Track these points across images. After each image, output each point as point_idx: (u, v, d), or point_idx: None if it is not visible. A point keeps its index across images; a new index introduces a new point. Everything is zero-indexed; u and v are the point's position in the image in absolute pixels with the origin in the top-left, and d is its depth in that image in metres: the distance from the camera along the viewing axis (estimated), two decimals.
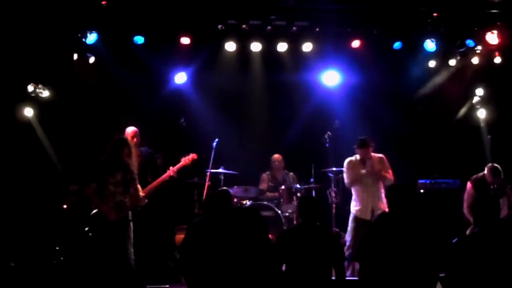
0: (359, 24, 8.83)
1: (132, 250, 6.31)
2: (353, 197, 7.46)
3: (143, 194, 6.80)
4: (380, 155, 7.49)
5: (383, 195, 7.31)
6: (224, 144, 8.32)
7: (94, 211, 6.33)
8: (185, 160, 7.55)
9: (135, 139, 7.38)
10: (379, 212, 7.11)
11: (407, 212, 4.80)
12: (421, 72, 9.35)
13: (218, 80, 9.26)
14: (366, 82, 9.31)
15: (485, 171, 7.59)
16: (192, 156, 7.59)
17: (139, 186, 6.61)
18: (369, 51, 9.02)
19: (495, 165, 7.49)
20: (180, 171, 7.55)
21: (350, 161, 7.46)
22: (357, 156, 7.45)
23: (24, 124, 7.92)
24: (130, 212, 6.40)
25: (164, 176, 7.28)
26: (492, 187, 7.40)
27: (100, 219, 6.21)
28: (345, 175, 7.49)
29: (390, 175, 7.35)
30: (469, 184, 7.68)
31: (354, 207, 7.41)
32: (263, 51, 9.01)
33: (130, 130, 7.45)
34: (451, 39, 8.91)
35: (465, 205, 7.64)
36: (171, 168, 7.35)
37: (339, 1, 8.35)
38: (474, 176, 7.69)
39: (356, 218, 7.33)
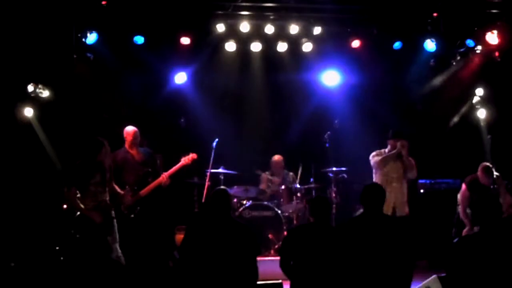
0: (359, 24, 8.83)
1: (118, 247, 6.38)
2: None
3: (119, 191, 6.84)
4: None
5: (406, 195, 7.28)
6: (224, 144, 8.30)
7: (78, 212, 6.36)
8: (185, 160, 7.56)
9: (135, 139, 7.39)
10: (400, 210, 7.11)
11: (379, 212, 4.97)
12: (421, 72, 9.34)
13: (218, 80, 9.27)
14: (366, 82, 9.29)
15: (478, 171, 7.50)
16: (192, 156, 7.61)
17: (115, 186, 6.75)
18: (369, 51, 9.01)
19: (487, 164, 7.43)
20: (180, 171, 7.56)
21: (378, 151, 7.40)
22: (386, 150, 7.37)
23: (24, 124, 7.92)
24: (113, 211, 6.52)
25: (157, 181, 7.31)
26: (492, 187, 7.37)
27: (85, 221, 6.25)
28: (373, 158, 7.31)
29: (415, 168, 7.28)
30: (463, 186, 7.58)
31: None
32: (263, 51, 9.01)
33: (130, 129, 7.46)
34: (451, 39, 8.92)
35: (461, 207, 7.51)
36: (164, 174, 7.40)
37: (339, 1, 8.36)
38: (468, 177, 7.56)
39: None
